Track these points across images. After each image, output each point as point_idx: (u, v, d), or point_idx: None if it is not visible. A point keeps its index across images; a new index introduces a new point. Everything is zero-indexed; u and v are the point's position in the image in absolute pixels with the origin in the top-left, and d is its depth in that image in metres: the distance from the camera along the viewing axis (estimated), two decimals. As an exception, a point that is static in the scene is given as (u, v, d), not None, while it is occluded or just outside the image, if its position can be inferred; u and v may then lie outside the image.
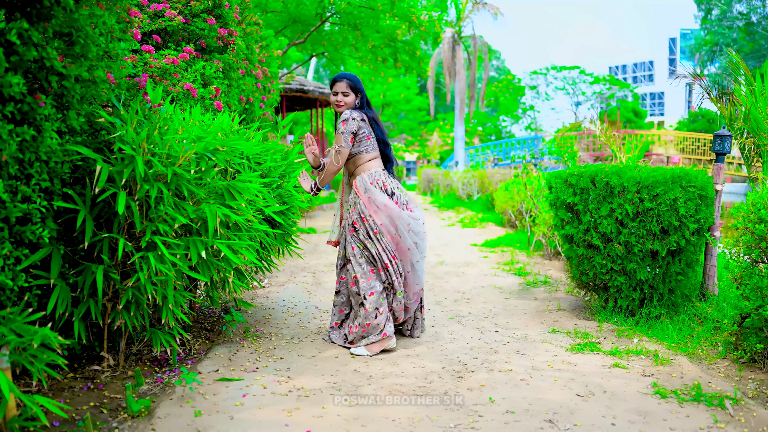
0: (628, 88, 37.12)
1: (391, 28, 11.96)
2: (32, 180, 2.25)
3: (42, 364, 2.04)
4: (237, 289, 3.61)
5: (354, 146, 3.55)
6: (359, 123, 3.52)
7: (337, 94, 3.59)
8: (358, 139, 3.55)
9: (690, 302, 4.07)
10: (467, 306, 4.64)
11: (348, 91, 3.59)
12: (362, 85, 3.70)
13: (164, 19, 4.16)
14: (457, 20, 22.95)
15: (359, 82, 3.65)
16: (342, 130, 3.50)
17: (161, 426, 2.38)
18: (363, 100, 3.65)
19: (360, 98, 3.64)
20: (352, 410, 2.61)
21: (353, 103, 3.61)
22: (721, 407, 2.61)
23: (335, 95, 3.60)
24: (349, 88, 3.59)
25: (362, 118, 3.55)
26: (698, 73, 6.40)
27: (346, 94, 3.59)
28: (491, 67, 43.00)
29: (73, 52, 2.39)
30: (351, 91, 3.59)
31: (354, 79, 3.62)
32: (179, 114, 3.01)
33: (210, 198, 2.90)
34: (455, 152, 23.62)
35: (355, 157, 3.58)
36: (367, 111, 3.64)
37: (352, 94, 3.60)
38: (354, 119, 3.50)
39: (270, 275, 5.61)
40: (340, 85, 3.59)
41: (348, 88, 3.59)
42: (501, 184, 9.18)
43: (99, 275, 2.48)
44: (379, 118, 3.76)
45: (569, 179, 4.12)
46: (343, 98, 3.59)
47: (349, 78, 3.60)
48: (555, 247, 6.45)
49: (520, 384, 2.93)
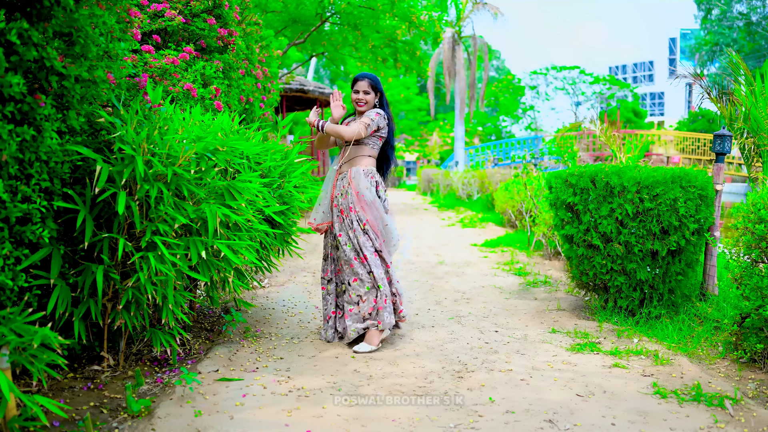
0: (628, 88, 37.14)
1: (391, 28, 11.97)
2: (32, 180, 2.25)
3: (42, 364, 2.04)
4: (237, 289, 3.61)
5: (367, 138, 3.60)
6: (384, 123, 3.62)
7: (359, 92, 3.63)
8: (375, 135, 3.61)
9: (690, 302, 4.07)
10: (467, 306, 4.64)
11: (369, 90, 3.63)
12: (382, 85, 3.73)
13: (164, 19, 4.16)
14: (457, 20, 22.95)
15: (380, 83, 3.70)
16: (373, 118, 3.55)
17: (161, 426, 2.38)
18: (382, 100, 3.70)
19: (379, 98, 3.69)
20: (352, 410, 2.61)
21: (374, 102, 3.66)
22: (721, 407, 2.61)
23: (356, 93, 3.64)
24: (370, 87, 3.63)
25: (387, 120, 3.64)
26: (698, 73, 6.40)
27: (368, 93, 3.63)
28: (491, 67, 43.01)
29: (73, 52, 2.39)
30: (372, 91, 3.64)
31: (375, 79, 3.67)
32: (179, 114, 3.01)
33: (210, 198, 2.90)
34: (455, 152, 23.61)
35: (358, 144, 3.61)
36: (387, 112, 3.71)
37: (372, 93, 3.65)
38: (384, 118, 3.61)
39: (270, 275, 5.61)
40: (362, 84, 3.63)
41: (369, 87, 3.63)
42: (501, 184, 9.18)
43: (99, 275, 2.48)
44: (392, 118, 3.79)
45: (569, 179, 4.12)
46: (364, 96, 3.63)
47: (371, 78, 3.65)
48: (555, 247, 6.45)
49: (520, 384, 2.93)
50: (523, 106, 36.73)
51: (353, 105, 3.69)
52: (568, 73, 35.35)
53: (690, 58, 38.03)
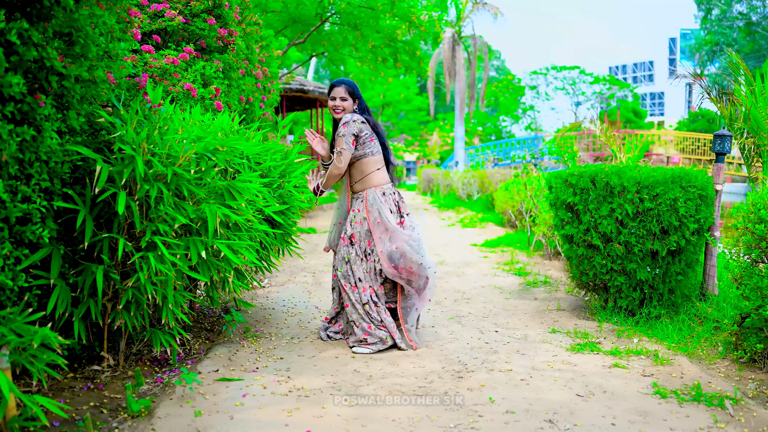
0: (628, 88, 37.13)
1: (391, 28, 11.97)
2: (32, 180, 2.25)
3: (42, 364, 2.04)
4: (237, 289, 3.61)
5: (357, 149, 3.54)
6: (360, 125, 3.51)
7: (335, 99, 3.58)
8: (361, 141, 3.54)
9: (690, 302, 4.07)
10: (467, 306, 4.64)
11: (346, 96, 3.58)
12: (360, 91, 3.70)
13: (164, 19, 4.16)
14: (457, 20, 22.95)
15: (357, 89, 3.66)
16: (343, 132, 3.48)
17: (161, 426, 2.38)
18: (361, 106, 3.65)
19: (358, 104, 3.64)
20: (352, 410, 2.61)
21: (351, 108, 3.61)
22: (721, 407, 2.61)
23: (333, 100, 3.59)
24: (347, 93, 3.59)
25: (363, 120, 3.55)
26: (698, 73, 6.41)
27: (345, 99, 3.58)
28: (491, 67, 43.00)
29: (73, 52, 2.39)
30: (349, 97, 3.59)
31: (352, 84, 3.62)
32: (179, 114, 3.01)
33: (210, 198, 2.90)
34: (455, 152, 23.62)
35: (359, 161, 3.56)
36: (367, 117, 3.63)
37: (350, 100, 3.60)
38: (355, 121, 3.50)
39: (270, 275, 5.61)
40: (339, 90, 3.58)
41: (346, 93, 3.58)
42: (501, 184, 9.18)
43: (99, 275, 2.48)
44: (378, 124, 3.76)
45: (569, 179, 4.12)
46: (341, 103, 3.58)
47: (347, 84, 3.60)
48: (555, 247, 6.45)
49: (520, 384, 2.93)
50: (523, 106, 36.72)
51: (330, 112, 3.64)
52: (568, 73, 35.35)
53: (690, 58, 38.03)
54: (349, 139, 3.47)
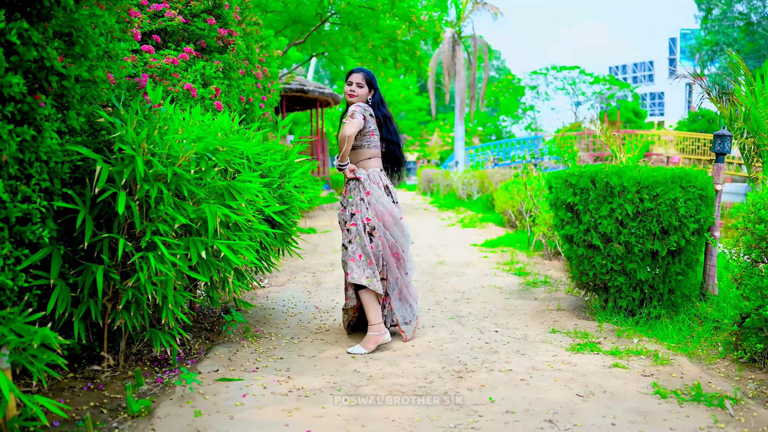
0: (628, 88, 37.15)
1: (391, 28, 11.97)
2: (32, 180, 2.25)
3: (42, 364, 2.04)
4: (237, 289, 3.61)
5: (356, 139, 3.56)
6: (363, 117, 3.53)
7: (352, 84, 3.61)
8: (362, 133, 3.56)
9: (690, 302, 4.07)
10: (467, 306, 4.64)
11: (363, 83, 3.61)
12: (377, 83, 3.72)
13: (164, 19, 4.16)
14: (457, 20, 22.95)
15: (375, 79, 3.69)
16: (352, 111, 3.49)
17: (161, 426, 2.38)
18: (377, 98, 3.68)
19: (374, 95, 3.67)
20: (352, 410, 2.61)
21: (365, 96, 3.64)
22: (721, 407, 2.61)
23: (350, 85, 3.62)
24: (364, 81, 3.62)
25: (370, 113, 3.59)
26: (698, 73, 6.41)
27: (361, 86, 3.61)
28: (491, 67, 43.01)
29: (73, 52, 2.39)
30: (366, 84, 3.62)
31: (370, 74, 3.66)
32: (179, 114, 3.01)
33: (210, 198, 2.90)
34: (455, 152, 23.62)
35: (355, 150, 3.59)
36: (381, 109, 3.66)
37: (366, 87, 3.62)
38: (359, 112, 3.51)
39: (270, 275, 5.61)
40: (356, 76, 3.61)
41: (363, 81, 3.61)
42: (501, 184, 9.18)
43: (99, 275, 2.48)
44: (392, 117, 3.77)
45: (569, 179, 4.12)
46: (357, 89, 3.60)
47: (366, 72, 3.64)
48: (555, 247, 6.45)
49: (520, 384, 2.93)
50: (523, 106, 36.75)
51: (345, 98, 3.67)
52: (568, 73, 35.38)
53: (690, 58, 38.03)
54: (359, 116, 3.49)
